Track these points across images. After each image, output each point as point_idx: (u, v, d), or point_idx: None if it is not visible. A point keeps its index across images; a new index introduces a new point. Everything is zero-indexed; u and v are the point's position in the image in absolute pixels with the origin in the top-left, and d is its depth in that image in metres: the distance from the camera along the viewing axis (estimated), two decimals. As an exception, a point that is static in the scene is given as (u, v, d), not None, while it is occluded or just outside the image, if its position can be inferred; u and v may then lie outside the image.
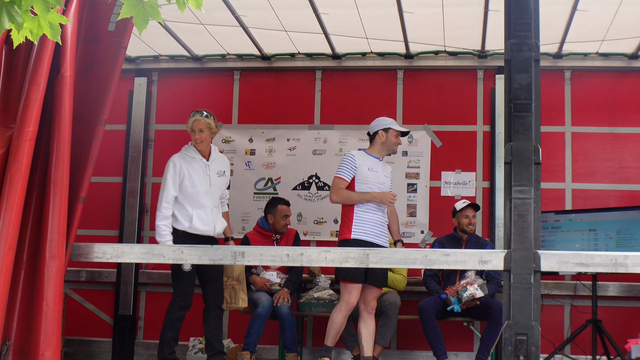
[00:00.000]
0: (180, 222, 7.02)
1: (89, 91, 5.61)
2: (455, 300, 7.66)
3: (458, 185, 8.94)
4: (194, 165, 7.10)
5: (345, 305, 6.86)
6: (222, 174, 7.28)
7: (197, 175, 7.07)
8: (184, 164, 7.07)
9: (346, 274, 6.78)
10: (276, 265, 7.83)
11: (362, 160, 6.97)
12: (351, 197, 6.87)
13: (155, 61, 9.49)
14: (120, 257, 5.57)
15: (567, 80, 8.93)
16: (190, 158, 7.13)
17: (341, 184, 6.90)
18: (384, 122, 7.12)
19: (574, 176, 8.83)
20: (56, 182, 5.23)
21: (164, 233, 6.91)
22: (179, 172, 7.03)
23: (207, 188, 7.09)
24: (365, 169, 6.93)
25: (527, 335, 4.79)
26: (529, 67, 5.06)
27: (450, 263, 5.23)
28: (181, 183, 7.03)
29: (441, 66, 9.07)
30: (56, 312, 5.18)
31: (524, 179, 4.91)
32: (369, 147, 7.16)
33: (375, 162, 7.03)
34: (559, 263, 4.99)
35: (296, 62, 9.30)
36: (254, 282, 7.92)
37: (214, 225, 7.12)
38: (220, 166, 7.29)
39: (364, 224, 6.84)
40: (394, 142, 7.06)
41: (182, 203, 7.05)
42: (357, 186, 6.92)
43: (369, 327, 6.96)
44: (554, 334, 8.32)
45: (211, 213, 7.12)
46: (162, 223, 6.95)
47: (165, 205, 6.98)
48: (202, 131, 7.12)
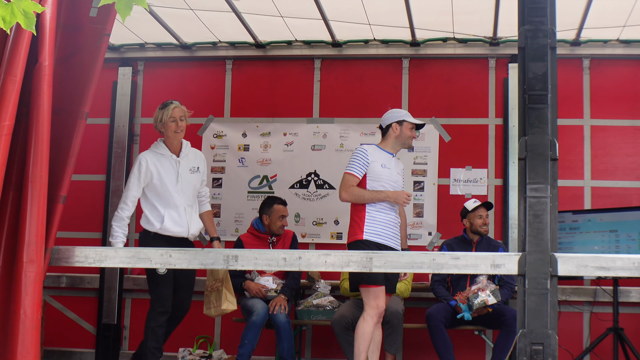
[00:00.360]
0: (152, 223, 7.04)
1: (69, 82, 5.59)
2: (466, 308, 7.66)
3: (468, 183, 8.93)
4: (163, 162, 7.11)
5: (373, 311, 6.70)
6: (195, 170, 7.27)
7: (166, 173, 7.08)
8: (153, 161, 7.08)
9: (368, 277, 6.62)
10: (272, 270, 7.78)
11: (375, 156, 6.90)
12: (363, 196, 6.81)
13: (140, 49, 9.49)
14: (103, 261, 5.55)
15: (586, 69, 8.93)
16: (159, 155, 7.14)
17: (352, 181, 6.84)
18: (397, 114, 7.04)
19: (594, 173, 8.83)
20: (34, 181, 5.22)
21: (116, 234, 6.91)
22: (145, 170, 7.03)
23: (176, 186, 7.10)
24: (378, 165, 6.87)
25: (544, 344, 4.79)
26: (544, 55, 5.05)
27: (460, 267, 5.21)
28: (150, 182, 7.05)
29: (450, 54, 9.07)
30: (34, 320, 5.16)
31: (539, 176, 4.90)
32: (381, 141, 7.09)
33: (389, 158, 6.97)
34: (577, 267, 4.98)
35: (293, 51, 9.30)
36: (248, 289, 7.92)
37: (187, 226, 7.12)
38: (193, 162, 7.28)
39: (377, 225, 6.78)
40: (409, 136, 6.98)
41: (153, 203, 7.07)
42: (369, 184, 6.86)
43: (375, 336, 6.91)
44: (572, 343, 8.33)
45: (184, 213, 7.12)
46: (116, 224, 6.95)
47: (123, 207, 6.99)
48: (182, 119, 7.14)
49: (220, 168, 9.44)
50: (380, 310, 6.74)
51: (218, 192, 9.39)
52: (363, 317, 6.74)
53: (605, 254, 5.18)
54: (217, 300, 7.36)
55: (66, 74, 5.59)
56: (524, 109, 5.01)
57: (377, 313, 6.73)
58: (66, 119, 5.56)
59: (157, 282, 7.00)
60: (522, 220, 4.92)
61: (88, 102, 5.60)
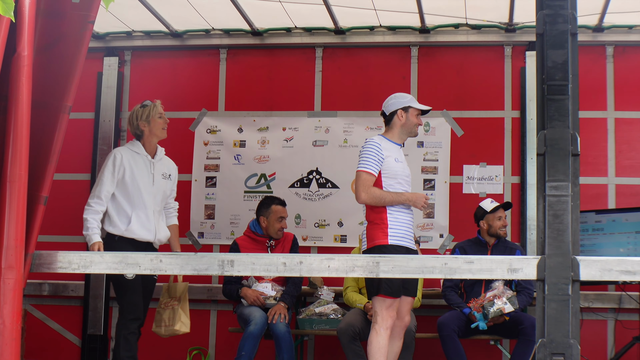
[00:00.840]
0: (116, 224, 7.06)
1: (50, 73, 5.59)
2: (481, 316, 7.65)
3: (483, 181, 8.94)
4: (138, 160, 7.18)
5: (386, 322, 6.58)
6: (167, 177, 7.38)
7: (139, 171, 7.15)
8: (127, 157, 7.15)
9: (388, 288, 6.50)
10: (271, 275, 7.82)
11: (387, 150, 6.72)
12: (384, 198, 6.62)
13: (127, 38, 9.50)
14: (88, 267, 5.55)
15: (609, 57, 8.93)
16: (134, 153, 7.21)
17: (370, 180, 6.63)
18: (402, 100, 6.87)
19: (618, 169, 8.83)
20: (13, 180, 5.21)
21: (91, 226, 6.90)
22: (119, 165, 7.09)
23: (149, 187, 7.16)
24: (392, 159, 6.70)
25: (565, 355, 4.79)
26: (564, 42, 5.05)
27: (474, 272, 5.21)
28: (122, 178, 7.09)
29: (462, 42, 9.07)
30: (14, 331, 5.17)
31: (559, 172, 4.90)
32: (386, 131, 6.91)
33: (398, 149, 6.82)
34: (601, 271, 4.98)
35: (293, 39, 9.31)
36: (245, 296, 7.92)
37: (155, 231, 7.16)
38: (165, 168, 7.40)
39: (400, 227, 6.66)
40: (415, 123, 6.82)
41: (120, 202, 7.09)
42: (385, 182, 6.69)
43: (395, 347, 6.82)
44: (595, 353, 8.33)
45: (152, 216, 7.17)
46: (90, 216, 6.95)
47: (97, 201, 7.00)
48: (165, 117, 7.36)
49: (214, 166, 9.44)
50: (392, 322, 6.64)
51: (212, 192, 9.40)
52: (376, 330, 6.61)
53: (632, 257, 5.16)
54: (170, 319, 7.35)
55: (47, 64, 5.59)
56: (543, 100, 5.01)
57: (391, 324, 6.63)
58: (47, 113, 5.55)
59: (126, 289, 7.03)
60: (541, 220, 4.92)
61: (71, 95, 5.59)
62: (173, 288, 7.41)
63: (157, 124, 7.24)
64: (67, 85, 5.56)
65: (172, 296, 7.41)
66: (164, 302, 7.41)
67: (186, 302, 7.45)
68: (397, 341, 6.87)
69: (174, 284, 7.38)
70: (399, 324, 6.82)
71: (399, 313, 6.76)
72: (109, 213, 7.09)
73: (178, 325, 7.33)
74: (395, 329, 6.78)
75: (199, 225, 9.40)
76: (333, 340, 8.07)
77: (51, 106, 5.54)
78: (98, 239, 6.87)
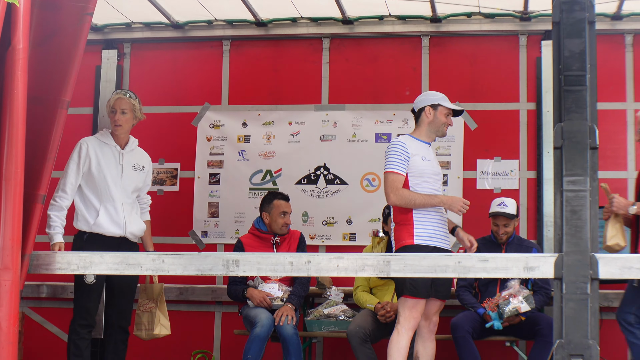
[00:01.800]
0: (85, 219, 7.10)
1: (47, 67, 5.60)
2: (496, 316, 7.65)
3: (497, 176, 8.93)
4: (105, 151, 7.22)
5: (409, 323, 6.61)
6: (139, 169, 7.38)
7: (106, 162, 7.18)
8: (94, 147, 7.18)
9: (413, 288, 6.53)
10: (278, 275, 7.82)
11: (414, 148, 6.74)
12: (414, 200, 6.63)
13: (127, 30, 9.50)
14: (88, 268, 5.56)
15: (629, 46, 8.91)
16: (102, 143, 7.25)
17: (398, 181, 6.65)
18: (432, 97, 6.93)
19: (638, 163, 8.80)
20: (8, 178, 5.22)
21: (54, 224, 6.91)
22: (85, 156, 7.12)
23: (117, 178, 7.18)
24: (419, 158, 6.72)
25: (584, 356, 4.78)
26: (582, 30, 5.04)
27: (488, 271, 5.21)
28: (88, 170, 7.12)
29: (475, 31, 9.06)
30: (11, 335, 5.18)
31: (577, 167, 4.89)
32: (415, 129, 6.96)
33: (426, 148, 6.84)
34: (621, 269, 4.98)
35: (299, 29, 9.30)
36: (251, 297, 7.91)
37: (124, 224, 7.17)
38: (137, 159, 7.40)
39: (428, 226, 6.67)
40: (444, 122, 6.85)
41: (87, 195, 7.13)
42: (411, 181, 6.69)
43: (428, 348, 6.85)
44: (615, 354, 8.31)
45: (122, 209, 7.18)
46: (54, 213, 6.97)
47: (61, 195, 7.02)
48: (124, 112, 7.25)
49: (218, 162, 9.45)
50: (415, 324, 6.66)
51: (216, 190, 9.40)
52: (397, 330, 6.65)
53: (653, 254, 5.16)
54: (150, 323, 7.38)
55: (44, 58, 5.60)
56: (560, 91, 5.00)
57: (414, 325, 6.66)
58: (44, 108, 5.56)
59: (82, 293, 7.08)
60: (559, 217, 4.92)
61: (69, 90, 5.60)
62: (150, 289, 7.44)
63: (109, 118, 7.33)
64: (64, 79, 5.57)
65: (149, 297, 7.43)
66: (142, 303, 7.43)
67: (163, 304, 7.49)
68: (429, 343, 6.88)
69: (150, 285, 7.40)
70: (426, 325, 6.85)
71: (426, 314, 6.79)
72: (77, 207, 7.13)
73: (157, 329, 7.37)
74: (422, 330, 6.84)
75: (202, 224, 9.40)
76: (343, 343, 8.08)
77: (48, 101, 5.55)
78: (60, 239, 6.89)
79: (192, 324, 9.20)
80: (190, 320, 9.21)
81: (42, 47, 5.61)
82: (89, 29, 5.75)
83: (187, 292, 9.17)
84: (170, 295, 9.08)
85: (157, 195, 9.23)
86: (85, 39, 5.71)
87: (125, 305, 7.30)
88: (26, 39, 5.35)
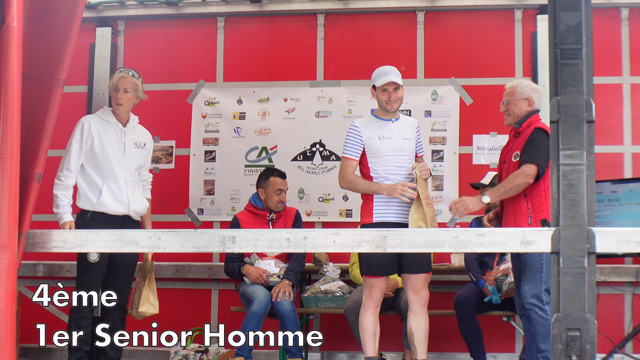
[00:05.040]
0: (88, 197, 7.10)
1: (42, 45, 5.58)
2: (494, 290, 7.68)
3: (493, 151, 8.93)
4: (107, 129, 7.20)
5: (368, 300, 6.84)
6: (141, 146, 7.37)
7: (109, 139, 7.17)
8: (96, 125, 7.17)
9: (367, 267, 6.76)
10: (274, 252, 7.84)
11: (369, 129, 6.83)
12: (357, 185, 6.81)
13: (120, 7, 9.48)
14: (84, 246, 5.56)
15: (624, 20, 8.91)
16: (104, 121, 7.23)
17: (347, 166, 6.83)
18: (373, 77, 6.95)
19: (635, 137, 8.82)
20: (4, 157, 5.21)
21: (62, 203, 6.94)
22: (87, 134, 7.11)
23: (120, 156, 7.18)
24: (375, 139, 6.80)
25: (581, 330, 4.80)
26: (578, 4, 5.03)
27: (485, 245, 5.21)
28: (90, 148, 7.11)
29: (471, 6, 9.05)
30: (8, 314, 5.18)
31: (574, 140, 4.89)
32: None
33: (386, 125, 6.88)
34: (618, 242, 4.98)
35: (293, 5, 9.29)
36: (247, 274, 7.93)
37: (127, 202, 7.18)
38: (139, 137, 7.38)
39: (388, 204, 6.75)
40: (383, 100, 6.85)
41: (89, 173, 7.12)
42: (370, 160, 6.80)
43: (421, 323, 6.88)
44: (612, 328, 8.34)
45: (125, 186, 7.19)
46: (61, 192, 6.99)
47: (66, 174, 7.03)
48: (126, 91, 7.22)
49: (213, 139, 9.45)
50: (374, 300, 6.82)
51: (211, 167, 9.41)
52: (362, 308, 6.90)
53: (650, 228, 5.15)
54: (139, 300, 7.39)
55: (38, 36, 5.58)
56: (556, 65, 5.00)
57: (374, 302, 6.82)
58: (40, 87, 5.55)
59: (84, 271, 7.13)
60: (555, 191, 4.92)
61: (64, 68, 5.58)
62: (143, 267, 7.46)
63: (112, 97, 7.31)
64: (60, 57, 5.54)
65: (143, 276, 7.45)
66: (137, 282, 7.45)
67: (153, 282, 7.49)
68: (421, 317, 6.90)
69: (142, 263, 7.41)
70: (416, 299, 6.88)
71: (414, 289, 6.86)
72: (79, 186, 7.13)
73: (144, 307, 7.38)
74: (413, 305, 6.89)
75: (198, 202, 9.41)
76: (340, 319, 8.10)
77: (44, 79, 5.54)
78: (69, 217, 6.93)
79: (189, 301, 9.22)
80: (187, 298, 9.23)
81: (37, 24, 5.59)
82: (84, 6, 5.73)
83: (184, 270, 9.19)
84: (167, 273, 9.12)
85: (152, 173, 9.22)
86: (81, 16, 5.68)
87: (124, 283, 7.31)
88: (20, 17, 5.33)
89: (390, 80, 6.80)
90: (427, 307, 7.30)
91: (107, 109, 7.34)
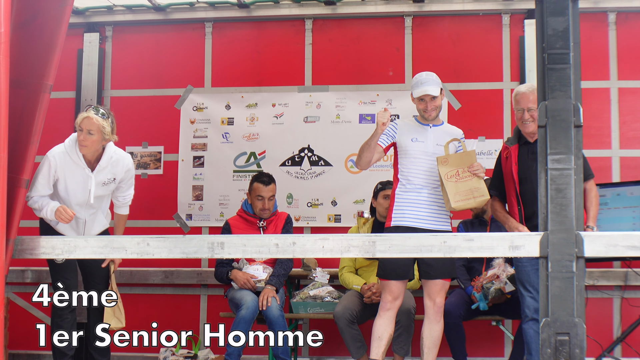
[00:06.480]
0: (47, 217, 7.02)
1: (29, 51, 5.56)
2: (481, 297, 7.67)
3: (482, 156, 8.93)
4: (74, 172, 7.00)
5: (382, 304, 6.88)
6: (109, 182, 7.12)
7: (74, 185, 7.02)
8: (62, 167, 6.96)
9: (380, 270, 6.85)
10: (263, 257, 7.82)
11: (405, 129, 6.95)
12: (361, 147, 6.86)
13: (108, 13, 9.47)
14: (72, 252, 5.54)
15: (612, 24, 8.92)
16: (72, 163, 6.98)
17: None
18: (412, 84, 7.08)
19: (622, 141, 8.84)
20: (-8, 163, 5.21)
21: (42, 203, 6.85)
22: (54, 173, 6.96)
23: (83, 201, 7.07)
24: (407, 139, 6.90)
25: (570, 334, 4.80)
26: (565, 8, 5.04)
27: (474, 250, 5.21)
28: (55, 185, 7.00)
29: (458, 11, 9.06)
30: (-3, 321, 5.17)
31: (562, 145, 4.90)
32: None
33: (423, 129, 6.96)
34: (606, 246, 4.99)
35: (281, 10, 9.29)
36: (235, 279, 7.92)
37: (83, 232, 7.15)
38: (109, 174, 7.11)
39: (405, 207, 6.83)
40: (420, 108, 6.96)
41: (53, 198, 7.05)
42: (400, 162, 6.93)
43: (433, 331, 6.93)
44: (601, 332, 8.35)
45: (83, 225, 7.18)
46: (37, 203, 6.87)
47: (35, 200, 6.90)
48: (90, 133, 6.86)
49: (202, 145, 9.43)
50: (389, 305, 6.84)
51: (200, 172, 9.40)
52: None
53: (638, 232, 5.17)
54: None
55: (26, 41, 5.56)
56: (543, 70, 5.00)
57: (386, 305, 6.84)
58: (27, 92, 5.53)
59: (52, 272, 7.16)
60: (544, 195, 4.92)
61: (52, 74, 5.57)
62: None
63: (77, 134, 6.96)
64: (47, 63, 5.53)
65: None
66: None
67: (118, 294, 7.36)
68: (435, 325, 6.96)
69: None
70: (431, 306, 6.94)
71: (428, 295, 6.94)
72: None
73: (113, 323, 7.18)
74: (428, 311, 6.97)
75: (186, 207, 9.40)
76: (329, 324, 8.08)
77: (31, 85, 5.52)
78: (56, 204, 6.84)
79: (178, 307, 9.21)
80: (176, 304, 9.21)
81: (24, 30, 5.58)
82: (71, 12, 5.72)
83: (173, 275, 9.17)
84: (156, 279, 9.11)
85: (141, 178, 9.23)
86: (68, 22, 5.67)
87: (103, 285, 7.27)
88: (7, 22, 5.32)
89: (425, 93, 6.89)
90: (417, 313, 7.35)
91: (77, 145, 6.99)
